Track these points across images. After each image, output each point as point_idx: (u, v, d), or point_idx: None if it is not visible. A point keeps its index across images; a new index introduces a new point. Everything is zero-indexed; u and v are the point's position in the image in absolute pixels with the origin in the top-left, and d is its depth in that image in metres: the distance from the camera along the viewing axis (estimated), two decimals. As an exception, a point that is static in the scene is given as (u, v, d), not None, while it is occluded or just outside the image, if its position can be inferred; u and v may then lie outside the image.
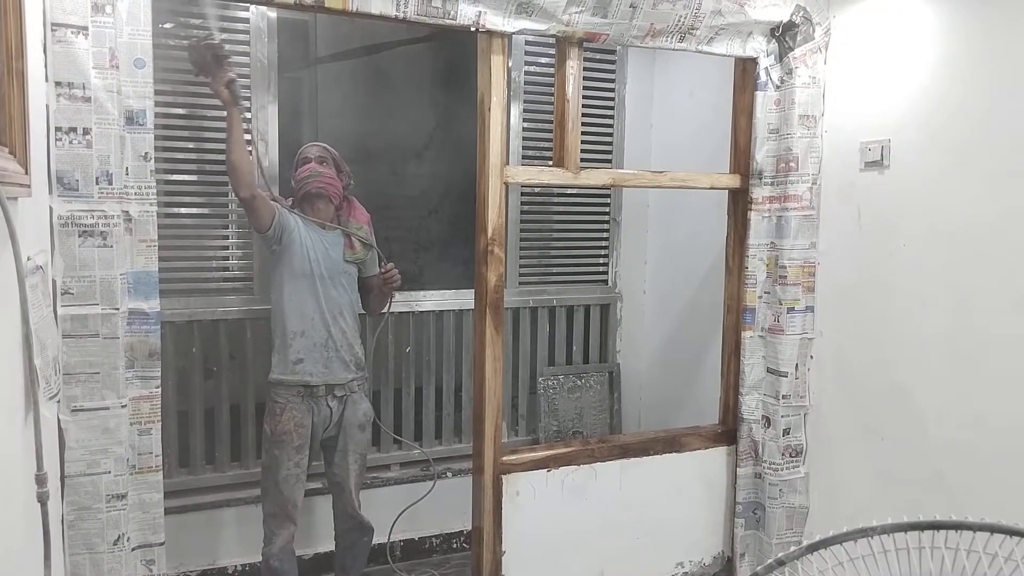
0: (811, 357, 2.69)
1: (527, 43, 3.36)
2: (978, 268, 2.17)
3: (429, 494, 2.95)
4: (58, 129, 1.80)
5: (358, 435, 2.66)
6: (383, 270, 2.71)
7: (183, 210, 2.88)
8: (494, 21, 2.23)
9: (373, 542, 2.79)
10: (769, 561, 1.36)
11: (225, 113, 2.34)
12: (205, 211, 2.92)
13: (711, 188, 2.77)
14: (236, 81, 2.33)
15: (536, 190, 3.50)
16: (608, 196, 3.68)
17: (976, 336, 2.18)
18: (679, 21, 2.41)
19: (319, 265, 2.55)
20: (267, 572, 2.55)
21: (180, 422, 2.93)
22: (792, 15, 2.56)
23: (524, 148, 3.43)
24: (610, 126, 3.61)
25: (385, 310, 2.83)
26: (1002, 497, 2.08)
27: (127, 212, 1.91)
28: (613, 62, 3.59)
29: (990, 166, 2.13)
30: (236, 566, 2.96)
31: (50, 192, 1.80)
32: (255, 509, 2.92)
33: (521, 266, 3.53)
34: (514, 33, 2.29)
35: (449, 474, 3.27)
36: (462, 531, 3.30)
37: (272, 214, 2.47)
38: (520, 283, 3.54)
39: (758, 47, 2.60)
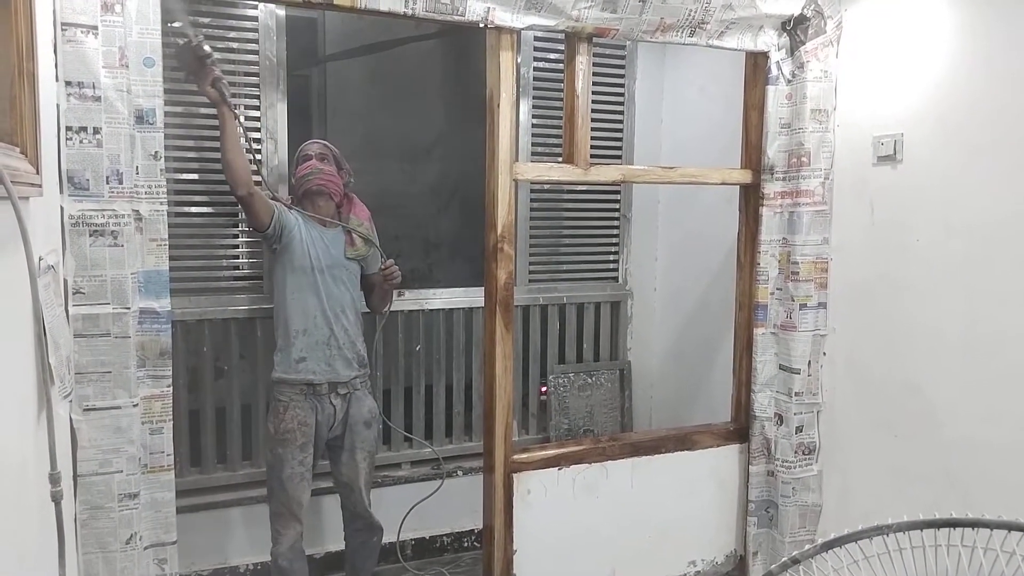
0: (824, 354, 2.68)
1: (536, 39, 3.34)
2: (993, 264, 2.14)
3: (437, 492, 2.96)
4: (68, 129, 1.80)
5: (364, 432, 2.65)
6: (383, 267, 2.70)
7: (193, 209, 2.89)
8: (503, 17, 2.22)
9: (383, 541, 2.79)
10: (784, 559, 1.35)
11: (217, 113, 2.31)
12: (215, 210, 2.93)
13: (722, 184, 2.76)
14: (223, 79, 2.27)
15: (546, 187, 3.49)
16: (618, 193, 3.66)
17: (990, 332, 2.16)
18: (689, 15, 2.40)
19: (320, 262, 2.55)
20: (276, 572, 2.55)
21: (191, 421, 2.94)
22: (803, 8, 2.54)
23: (533, 145, 3.42)
24: (620, 122, 3.59)
25: (386, 309, 2.81)
26: (1018, 494, 2.05)
27: (137, 211, 1.92)
28: (623, 57, 3.57)
29: (1006, 161, 2.10)
30: (248, 565, 2.96)
31: (61, 192, 1.80)
32: (266, 508, 2.93)
33: (531, 263, 3.52)
34: (523, 29, 2.28)
35: (460, 472, 3.27)
36: (473, 530, 3.30)
37: (271, 213, 2.47)
38: (530, 280, 3.53)
39: (769, 41, 2.58)
